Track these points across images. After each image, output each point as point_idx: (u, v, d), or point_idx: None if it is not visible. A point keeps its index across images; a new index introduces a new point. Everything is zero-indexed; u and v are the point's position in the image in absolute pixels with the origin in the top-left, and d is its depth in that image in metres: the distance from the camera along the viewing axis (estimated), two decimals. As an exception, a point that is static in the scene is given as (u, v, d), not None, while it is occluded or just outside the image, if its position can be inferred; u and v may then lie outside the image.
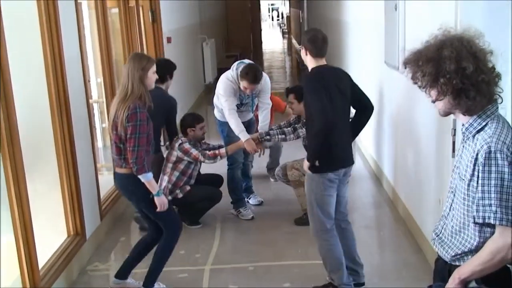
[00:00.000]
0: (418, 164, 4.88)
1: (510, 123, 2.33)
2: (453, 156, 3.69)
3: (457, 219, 2.33)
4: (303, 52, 4.00)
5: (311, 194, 4.01)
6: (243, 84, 5.20)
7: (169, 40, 8.88)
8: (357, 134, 4.30)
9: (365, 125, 4.23)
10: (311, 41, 3.92)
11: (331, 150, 3.87)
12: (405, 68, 2.38)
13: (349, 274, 4.13)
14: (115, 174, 4.03)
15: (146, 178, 3.83)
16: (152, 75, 3.88)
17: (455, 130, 3.69)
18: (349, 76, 4.11)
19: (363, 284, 4.25)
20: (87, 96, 5.12)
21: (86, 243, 4.82)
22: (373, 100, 4.24)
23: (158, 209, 3.92)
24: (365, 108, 4.17)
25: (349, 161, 4.08)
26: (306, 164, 3.94)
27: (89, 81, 5.71)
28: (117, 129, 3.78)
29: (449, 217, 2.41)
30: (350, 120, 4.13)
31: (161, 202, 3.92)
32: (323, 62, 3.95)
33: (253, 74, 5.16)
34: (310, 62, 3.96)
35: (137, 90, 3.77)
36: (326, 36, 3.98)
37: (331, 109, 3.76)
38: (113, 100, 3.94)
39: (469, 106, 2.23)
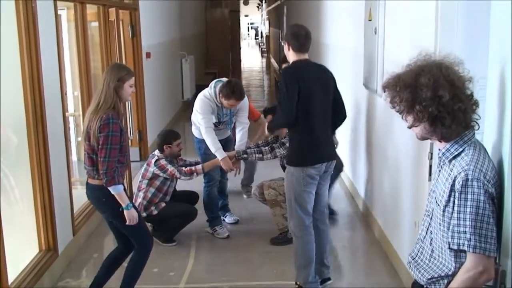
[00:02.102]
0: (394, 186, 4.90)
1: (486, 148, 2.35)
2: (430, 180, 3.71)
3: (435, 243, 2.34)
4: (285, 47, 4.03)
5: (290, 190, 4.01)
6: (230, 102, 5.21)
7: (148, 55, 8.86)
8: None
9: (334, 130, 4.26)
10: (294, 36, 3.96)
11: (312, 144, 3.88)
12: (384, 91, 2.39)
13: (315, 273, 4.17)
14: (87, 185, 3.95)
15: (116, 190, 3.76)
16: (128, 88, 3.82)
17: (432, 154, 3.72)
18: (334, 77, 4.13)
19: (329, 279, 4.28)
20: (64, 109, 5.06)
21: (58, 259, 4.73)
22: (351, 121, 4.29)
23: (127, 223, 3.85)
24: (339, 113, 4.19)
25: (330, 156, 4.08)
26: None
27: (66, 94, 5.64)
28: (90, 139, 3.73)
29: (425, 240, 2.42)
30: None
31: (130, 216, 3.85)
32: (305, 57, 3.97)
33: (239, 91, 5.19)
34: (292, 57, 3.99)
35: (110, 100, 3.71)
36: (309, 32, 4.02)
37: (305, 106, 3.79)
38: (88, 109, 3.88)
39: (444, 133, 2.24)
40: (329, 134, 4.15)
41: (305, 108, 3.87)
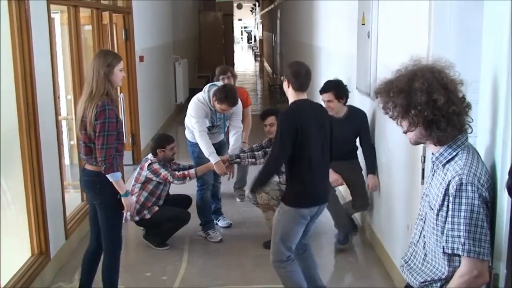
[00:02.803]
0: (387, 190, 4.90)
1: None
2: (423, 183, 3.72)
3: (429, 247, 2.34)
4: (285, 84, 3.98)
5: (278, 226, 3.98)
6: (222, 106, 5.21)
7: (141, 59, 8.85)
8: None
9: None
10: (294, 75, 3.89)
11: (308, 187, 3.87)
12: (376, 97, 2.39)
13: None
14: (84, 170, 3.93)
15: (115, 178, 3.75)
16: (118, 73, 3.79)
17: (424, 157, 3.73)
18: (330, 118, 4.13)
19: None
20: (56, 112, 5.04)
21: (50, 263, 4.71)
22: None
23: (124, 210, 3.86)
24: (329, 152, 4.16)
25: (324, 199, 4.07)
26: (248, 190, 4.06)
27: (58, 97, 5.63)
28: (86, 128, 3.70)
29: (419, 244, 2.42)
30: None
31: (128, 203, 3.87)
32: (304, 96, 3.94)
33: (232, 97, 5.19)
34: (291, 95, 3.95)
35: (102, 87, 3.69)
36: (309, 70, 3.97)
37: (305, 149, 3.80)
38: (80, 98, 3.85)
39: (440, 137, 2.25)
40: (327, 175, 4.15)
41: (304, 149, 3.83)
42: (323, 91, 5.31)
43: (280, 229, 3.97)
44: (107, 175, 3.72)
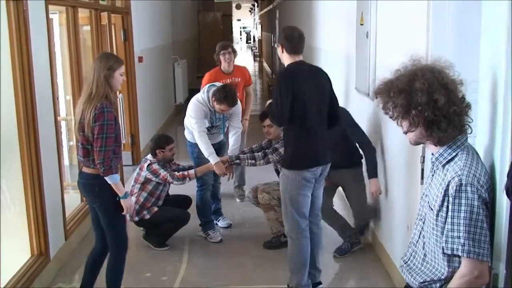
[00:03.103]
0: (386, 190, 4.90)
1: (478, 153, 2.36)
2: (422, 183, 3.72)
3: (428, 247, 2.34)
4: (279, 50, 4.03)
5: (286, 193, 4.00)
6: (222, 107, 5.21)
7: (140, 59, 8.85)
8: None
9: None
10: (288, 39, 3.96)
11: (307, 147, 3.87)
12: (376, 98, 2.39)
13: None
14: (81, 174, 3.92)
15: (113, 180, 3.75)
16: (119, 77, 3.80)
17: (424, 157, 3.73)
18: (329, 78, 4.13)
19: (320, 283, 4.29)
20: (56, 113, 5.04)
21: (50, 263, 4.71)
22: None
23: (124, 212, 3.86)
24: (332, 115, 4.17)
25: (326, 160, 4.07)
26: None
27: (57, 98, 5.62)
28: (84, 130, 3.70)
29: (418, 244, 2.42)
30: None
31: (128, 205, 3.87)
32: (299, 58, 3.97)
33: (232, 97, 5.19)
34: (286, 59, 3.99)
35: (102, 89, 3.69)
36: (302, 34, 4.02)
37: (301, 109, 3.82)
38: (79, 99, 3.86)
39: (440, 137, 2.24)
40: (326, 136, 4.13)
41: (300, 110, 3.86)
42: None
43: (287, 196, 3.98)
44: (105, 178, 3.72)
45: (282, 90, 3.83)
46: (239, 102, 5.52)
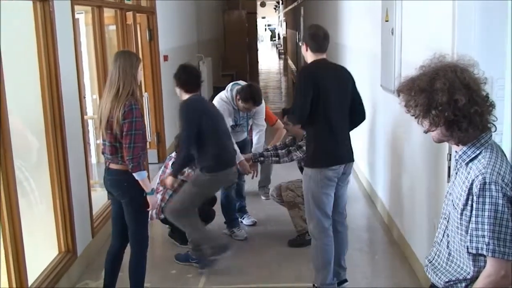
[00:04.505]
0: (412, 188, 4.86)
1: (506, 150, 2.32)
2: (448, 181, 3.68)
3: (452, 246, 2.32)
4: (303, 48, 4.02)
5: (308, 192, 3.99)
6: (246, 106, 5.22)
7: (165, 58, 8.90)
8: None
9: (351, 130, 4.25)
10: (312, 37, 3.96)
11: (329, 145, 3.86)
12: (398, 96, 2.37)
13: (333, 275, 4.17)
14: (108, 170, 3.97)
15: (141, 177, 3.80)
16: (140, 72, 3.89)
17: (450, 155, 3.69)
18: (352, 77, 4.11)
19: (345, 280, 4.31)
20: (82, 112, 5.10)
21: (76, 261, 4.77)
22: (368, 122, 4.25)
23: (149, 208, 3.91)
24: (357, 114, 4.16)
25: (348, 158, 4.05)
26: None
27: (84, 97, 5.69)
28: (112, 128, 3.75)
29: (442, 243, 2.39)
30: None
31: (154, 202, 3.94)
32: (322, 56, 3.97)
33: (257, 96, 5.19)
34: (309, 57, 4.00)
35: (129, 86, 3.75)
36: (327, 33, 4.02)
37: (322, 107, 3.80)
38: (102, 97, 3.90)
39: (461, 137, 2.21)
40: (347, 135, 4.12)
41: (322, 108, 3.85)
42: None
43: (310, 195, 3.97)
44: (134, 174, 3.77)
45: (302, 88, 3.83)
46: (263, 101, 5.52)
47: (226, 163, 4.72)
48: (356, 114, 4.18)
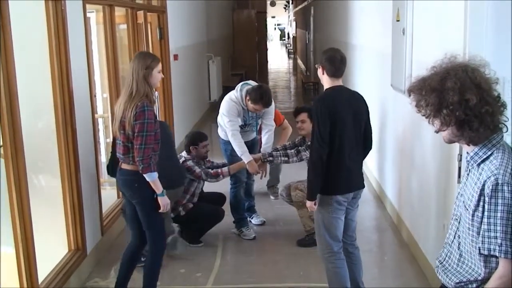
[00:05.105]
0: (422, 189, 4.85)
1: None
2: (459, 182, 3.66)
3: (464, 247, 2.31)
4: (319, 71, 3.97)
5: (319, 215, 3.97)
6: (256, 107, 5.21)
7: (176, 57, 8.92)
8: None
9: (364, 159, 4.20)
10: (329, 61, 3.88)
11: (340, 173, 3.84)
12: (409, 95, 2.36)
13: None
14: (120, 170, 3.99)
15: (151, 178, 3.81)
16: (157, 74, 3.87)
17: (461, 155, 3.68)
18: (366, 104, 4.06)
19: None
20: (93, 110, 5.12)
21: (86, 259, 4.79)
22: (378, 122, 4.22)
23: (161, 209, 3.91)
24: (366, 142, 4.11)
25: (358, 185, 4.03)
26: (308, 204, 3.91)
27: (95, 95, 5.71)
28: (125, 128, 3.76)
29: (453, 244, 2.39)
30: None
31: (165, 203, 3.92)
32: (339, 82, 3.92)
33: (267, 98, 5.18)
34: (326, 82, 3.94)
35: (142, 88, 3.75)
36: (344, 57, 3.95)
37: (338, 135, 3.75)
38: (118, 99, 3.93)
39: (472, 137, 2.20)
40: (361, 163, 4.10)
41: (338, 138, 3.80)
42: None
43: (320, 219, 3.95)
44: (144, 175, 3.78)
45: (320, 119, 3.77)
46: (273, 101, 5.52)
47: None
48: (365, 142, 4.10)
